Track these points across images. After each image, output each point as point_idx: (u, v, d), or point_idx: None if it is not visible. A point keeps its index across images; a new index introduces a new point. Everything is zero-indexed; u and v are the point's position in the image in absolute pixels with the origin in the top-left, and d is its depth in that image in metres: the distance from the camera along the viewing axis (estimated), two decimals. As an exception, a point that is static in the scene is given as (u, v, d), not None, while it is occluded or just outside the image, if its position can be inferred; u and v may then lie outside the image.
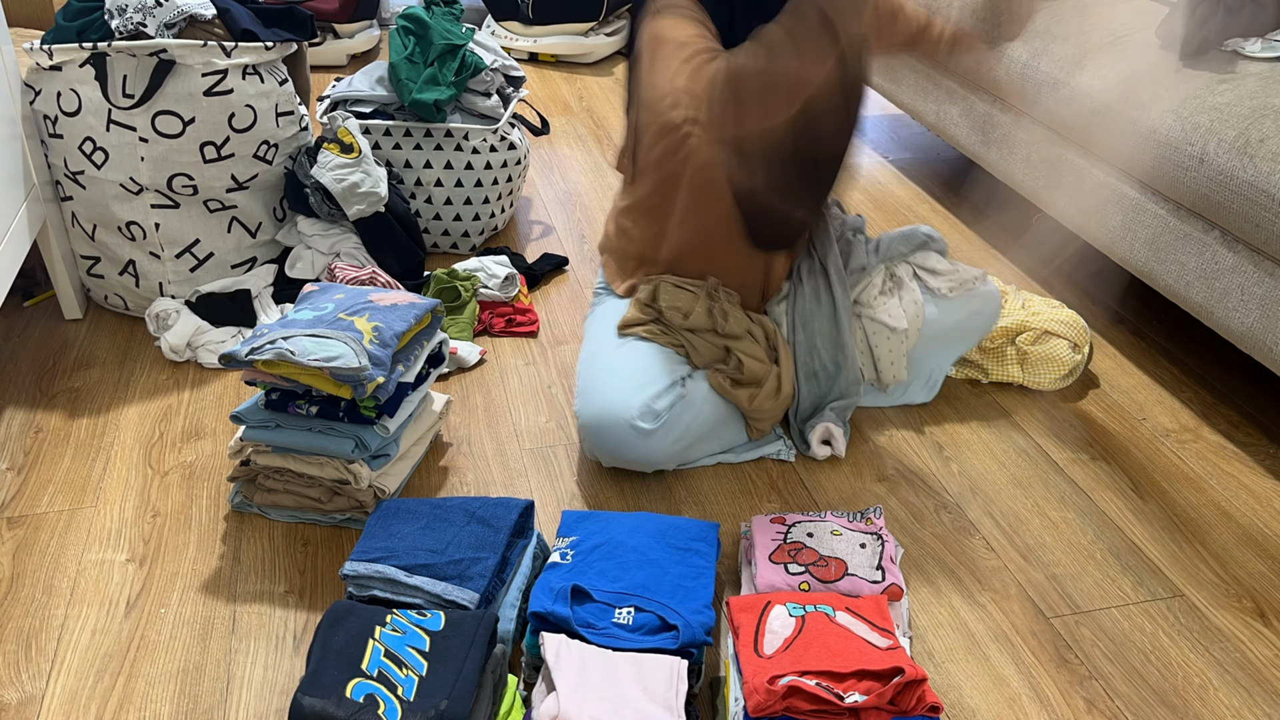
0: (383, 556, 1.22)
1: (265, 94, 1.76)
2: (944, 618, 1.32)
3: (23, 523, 1.41)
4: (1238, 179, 1.57)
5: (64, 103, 1.70)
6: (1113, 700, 1.22)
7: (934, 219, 2.43)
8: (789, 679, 1.00)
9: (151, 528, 1.41)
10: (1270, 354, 1.58)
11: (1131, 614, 1.34)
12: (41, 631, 1.25)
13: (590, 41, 3.41)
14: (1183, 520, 1.51)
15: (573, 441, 1.62)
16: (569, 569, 1.24)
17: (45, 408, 1.65)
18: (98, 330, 1.86)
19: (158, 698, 1.17)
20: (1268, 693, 1.24)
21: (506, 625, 1.21)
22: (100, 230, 1.80)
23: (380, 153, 2.04)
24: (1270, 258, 1.57)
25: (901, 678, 1.00)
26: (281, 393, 1.37)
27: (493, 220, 2.17)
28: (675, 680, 1.07)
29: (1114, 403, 1.77)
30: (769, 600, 1.13)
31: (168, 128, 1.70)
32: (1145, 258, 1.83)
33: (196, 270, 1.83)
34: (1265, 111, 1.59)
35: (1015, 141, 2.17)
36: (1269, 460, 1.65)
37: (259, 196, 1.84)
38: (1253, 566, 1.43)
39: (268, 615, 1.28)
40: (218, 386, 1.72)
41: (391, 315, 1.40)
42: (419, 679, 1.04)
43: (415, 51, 2.04)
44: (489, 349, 1.85)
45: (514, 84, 2.21)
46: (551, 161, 2.66)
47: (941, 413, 1.73)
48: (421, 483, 1.52)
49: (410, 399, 1.44)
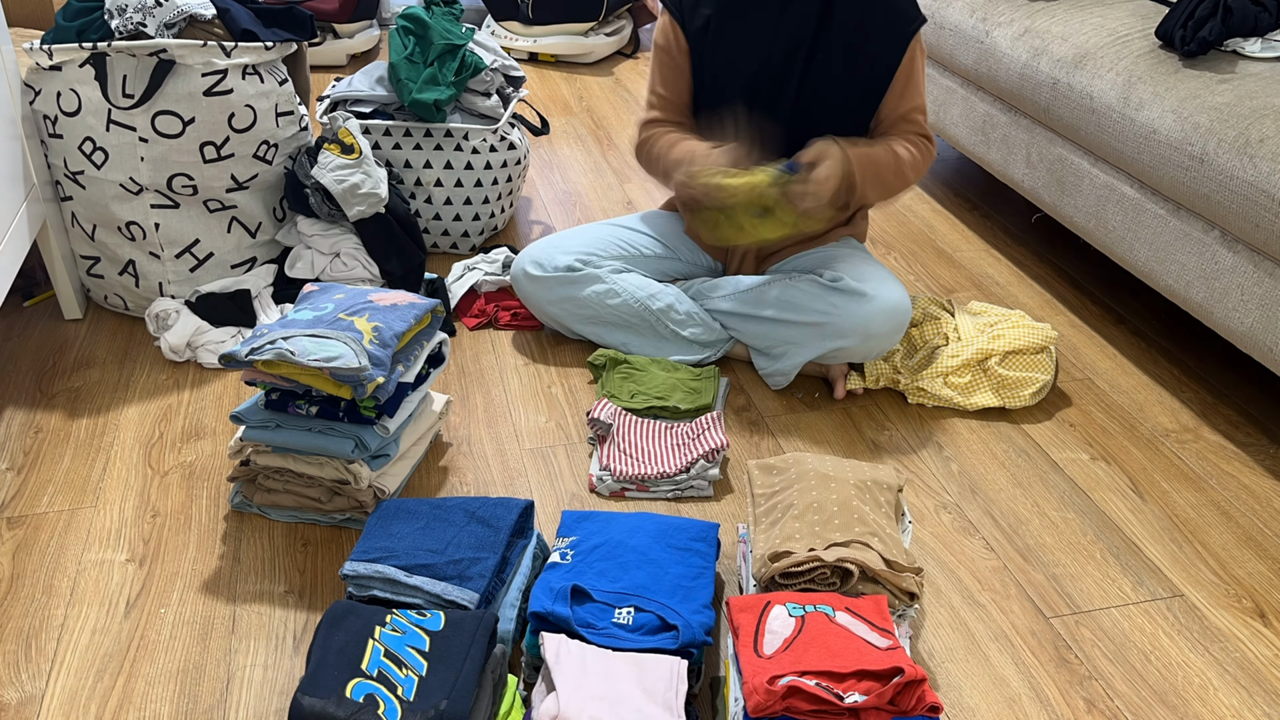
0: (383, 556, 1.22)
1: (265, 94, 1.76)
2: (944, 618, 1.32)
3: (23, 523, 1.41)
4: (1238, 179, 1.57)
5: (64, 103, 1.70)
6: (1113, 700, 1.22)
7: (934, 219, 2.43)
8: (789, 679, 1.00)
9: (151, 528, 1.41)
10: (1270, 354, 1.58)
11: (1131, 614, 1.34)
12: (41, 631, 1.25)
13: (590, 41, 3.41)
14: (1183, 520, 1.51)
15: (573, 441, 1.62)
16: (569, 569, 1.24)
17: (45, 408, 1.65)
18: (98, 330, 1.86)
19: (158, 698, 1.17)
20: (1268, 693, 1.24)
21: (506, 625, 1.21)
22: (100, 230, 1.80)
23: (380, 153, 2.04)
24: (1270, 258, 1.57)
25: (901, 678, 1.00)
26: (281, 393, 1.37)
27: (493, 220, 2.17)
28: (675, 680, 1.07)
29: (1114, 403, 1.77)
30: (769, 600, 1.13)
31: (168, 128, 1.70)
32: (1145, 258, 1.82)
33: (196, 270, 1.83)
34: (1265, 111, 1.59)
35: (1015, 141, 2.17)
36: (1269, 460, 1.65)
37: (259, 196, 1.84)
38: (1253, 566, 1.43)
39: (268, 615, 1.28)
40: (217, 386, 1.72)
41: (391, 315, 1.40)
42: (419, 679, 1.04)
43: (415, 51, 2.04)
44: (489, 349, 1.85)
45: (514, 84, 2.21)
46: (551, 161, 2.66)
47: (941, 413, 1.73)
48: (421, 483, 1.52)
49: (410, 399, 1.44)
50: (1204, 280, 1.69)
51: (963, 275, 2.18)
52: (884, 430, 1.68)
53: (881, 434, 1.67)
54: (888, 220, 2.42)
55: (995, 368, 1.71)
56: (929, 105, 2.48)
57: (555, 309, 1.80)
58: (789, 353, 1.72)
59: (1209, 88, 1.70)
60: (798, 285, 1.71)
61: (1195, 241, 1.71)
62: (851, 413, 1.72)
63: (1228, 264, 1.64)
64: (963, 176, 2.69)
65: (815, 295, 1.69)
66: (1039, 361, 1.72)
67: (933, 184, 2.64)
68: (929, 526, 1.47)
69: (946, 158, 2.81)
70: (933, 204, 2.52)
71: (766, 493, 1.32)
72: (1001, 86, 2.16)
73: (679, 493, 1.49)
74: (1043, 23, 2.09)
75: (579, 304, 1.78)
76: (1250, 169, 1.55)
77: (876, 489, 1.30)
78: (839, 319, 1.66)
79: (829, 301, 1.68)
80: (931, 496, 1.53)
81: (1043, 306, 2.07)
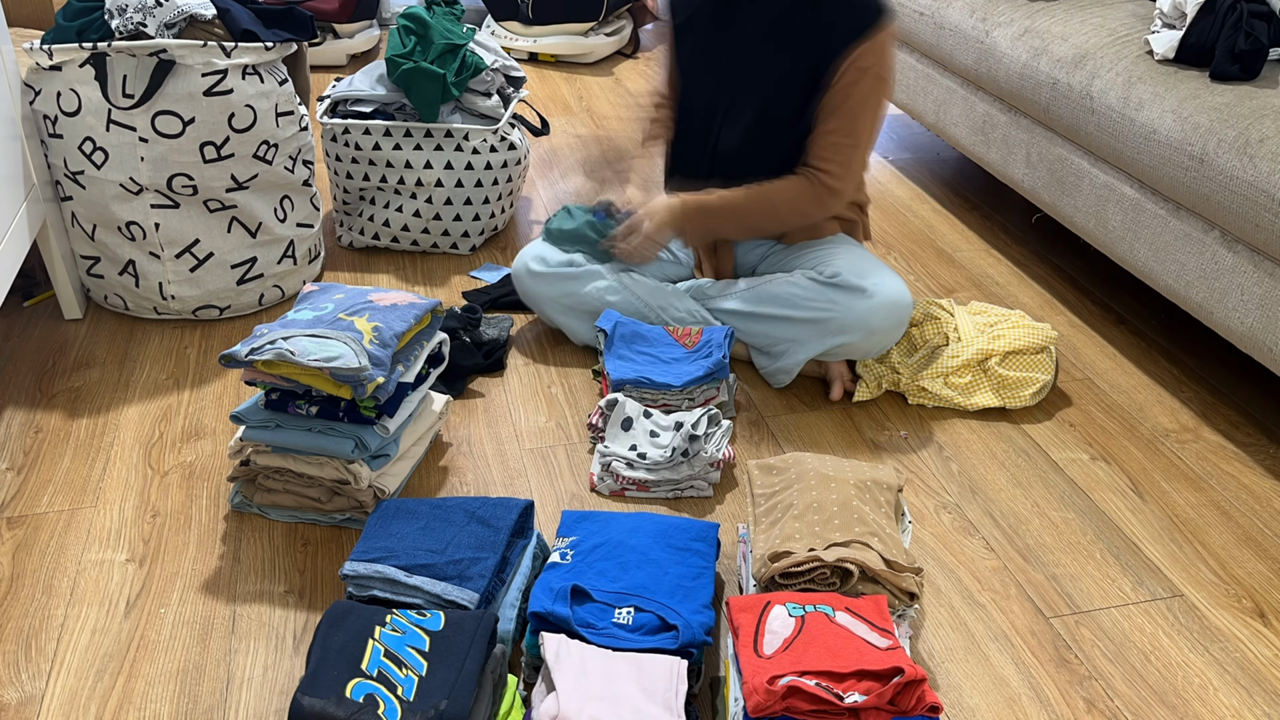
0: (382, 556, 1.22)
1: (265, 94, 1.76)
2: (944, 618, 1.32)
3: (23, 523, 1.41)
4: (1238, 179, 1.57)
5: (64, 103, 1.70)
6: (1112, 700, 1.22)
7: (934, 219, 2.43)
8: (789, 679, 1.00)
9: (151, 528, 1.41)
10: (1270, 354, 1.58)
11: (1131, 614, 1.34)
12: (41, 631, 1.25)
13: (590, 41, 3.41)
14: (1183, 520, 1.51)
15: (573, 441, 1.62)
16: (569, 569, 1.24)
17: (45, 408, 1.65)
18: (98, 330, 1.86)
19: (158, 698, 1.17)
20: (1267, 693, 1.24)
21: (506, 625, 1.21)
22: (100, 230, 1.80)
23: (380, 153, 2.04)
24: (1270, 258, 1.57)
25: (901, 678, 1.00)
26: (281, 393, 1.37)
27: (493, 220, 2.17)
28: (675, 680, 1.07)
29: (1114, 403, 1.77)
30: (769, 600, 1.13)
31: (167, 128, 1.70)
32: (1145, 258, 1.82)
33: (196, 270, 1.83)
34: (1265, 111, 1.59)
35: (1015, 141, 2.17)
36: (1269, 460, 1.65)
37: (259, 196, 1.84)
38: (1252, 566, 1.43)
39: (268, 615, 1.28)
40: (217, 386, 1.72)
41: (391, 315, 1.40)
42: (419, 679, 1.04)
43: (415, 51, 2.04)
44: (489, 349, 1.85)
45: (514, 84, 2.21)
46: (551, 161, 2.66)
47: (941, 413, 1.73)
48: (421, 483, 1.52)
49: (410, 399, 1.44)
50: (1204, 280, 1.69)
51: (963, 275, 2.18)
52: (884, 430, 1.68)
53: (881, 434, 1.67)
54: (888, 220, 2.42)
55: (995, 368, 1.71)
56: (930, 107, 2.48)
57: (556, 305, 1.80)
58: (790, 350, 1.72)
59: (1209, 88, 1.70)
60: (797, 283, 1.71)
61: (1195, 241, 1.71)
62: (851, 413, 1.72)
63: (1228, 264, 1.64)
64: (963, 176, 2.69)
65: (815, 292, 1.69)
66: (1039, 361, 1.72)
67: (933, 184, 2.64)
68: (929, 526, 1.47)
69: (946, 158, 2.81)
70: (933, 204, 2.52)
71: (766, 493, 1.32)
72: (1001, 86, 2.16)
73: (679, 492, 1.49)
74: (1043, 23, 2.09)
75: (579, 299, 1.79)
76: (1250, 169, 1.55)
77: (876, 489, 1.30)
78: (840, 315, 1.66)
79: (829, 298, 1.68)
80: (931, 496, 1.53)
81: (1043, 306, 2.07)
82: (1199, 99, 1.69)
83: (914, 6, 2.46)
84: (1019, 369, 1.71)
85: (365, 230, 2.14)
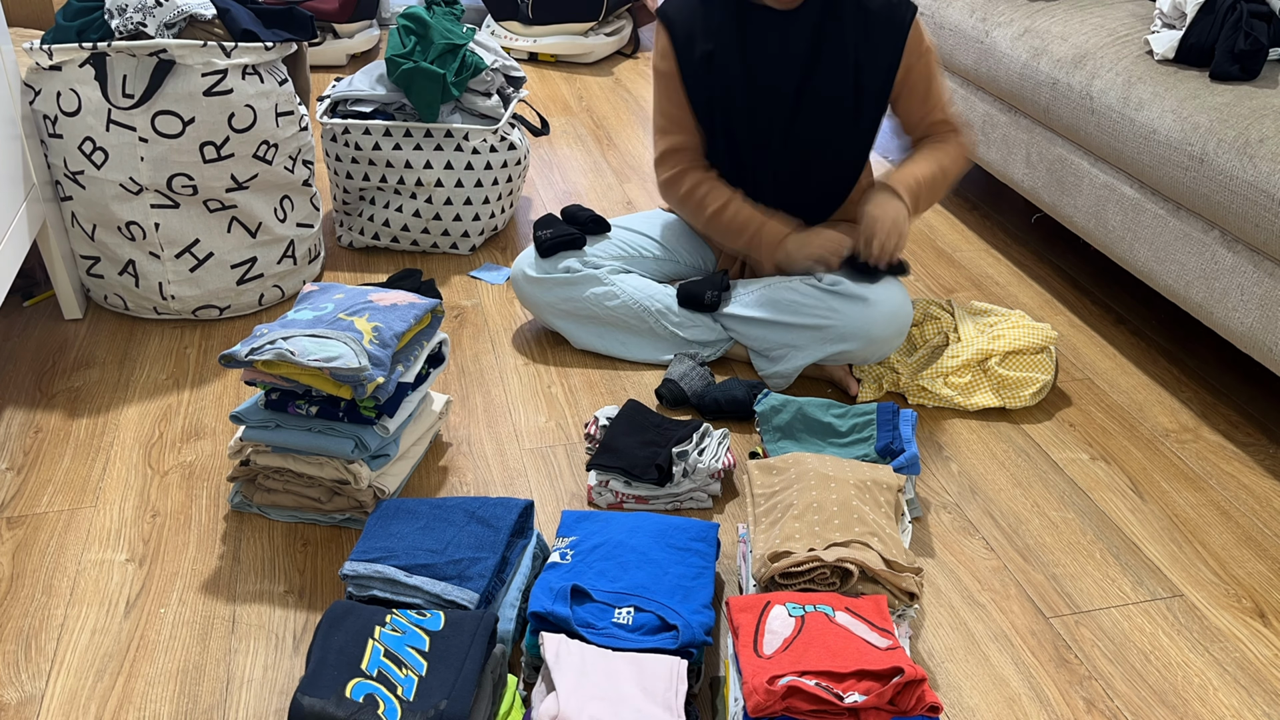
0: (382, 556, 1.22)
1: (265, 94, 1.76)
2: (944, 618, 1.32)
3: (23, 523, 1.41)
4: (1238, 179, 1.57)
5: (64, 103, 1.70)
6: (1112, 700, 1.22)
7: (934, 219, 2.43)
8: (788, 679, 1.00)
9: (151, 528, 1.41)
10: (1270, 354, 1.58)
11: (1131, 614, 1.34)
12: (41, 631, 1.25)
13: (590, 41, 3.41)
14: (1183, 520, 1.51)
15: (572, 441, 1.62)
16: (569, 569, 1.24)
17: (45, 408, 1.65)
18: (97, 330, 1.86)
19: (157, 698, 1.17)
20: (1267, 693, 1.24)
21: (506, 625, 1.21)
22: (100, 230, 1.80)
23: (380, 153, 2.04)
24: (1270, 258, 1.57)
25: (901, 678, 1.00)
26: (281, 393, 1.37)
27: (493, 220, 2.17)
28: (675, 680, 1.07)
29: (1114, 403, 1.77)
30: (769, 600, 1.13)
31: (167, 128, 1.70)
32: (1145, 258, 1.82)
33: (196, 270, 1.83)
34: (1265, 111, 1.59)
35: (1015, 141, 2.17)
36: (1269, 460, 1.65)
37: (259, 196, 1.84)
38: (1252, 566, 1.43)
39: (268, 615, 1.28)
40: (217, 386, 1.72)
41: (391, 315, 1.40)
42: (419, 679, 1.04)
43: (415, 51, 2.04)
44: (489, 349, 1.85)
45: (514, 84, 2.21)
46: (551, 161, 2.66)
47: (941, 413, 1.73)
48: (421, 483, 1.52)
49: (410, 399, 1.44)
50: (1204, 280, 1.69)
51: (963, 275, 2.18)
52: (884, 430, 1.68)
53: (881, 434, 1.67)
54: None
55: (995, 368, 1.71)
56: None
57: (554, 310, 1.80)
58: (789, 355, 1.72)
59: (1209, 88, 1.70)
60: (797, 289, 1.71)
61: (1195, 241, 1.71)
62: (851, 413, 1.72)
63: (1228, 264, 1.64)
64: (963, 176, 2.69)
65: (815, 299, 1.69)
66: (1039, 361, 1.72)
67: (933, 184, 2.63)
68: (929, 526, 1.47)
69: (946, 158, 2.81)
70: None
71: (766, 493, 1.32)
72: (1001, 86, 2.16)
73: (679, 504, 1.49)
74: (1043, 23, 2.09)
75: (578, 304, 1.78)
76: (1250, 169, 1.55)
77: (876, 489, 1.30)
78: (841, 323, 1.67)
79: (829, 306, 1.68)
80: (931, 496, 1.53)
81: (1043, 306, 2.07)
82: (1199, 99, 1.69)
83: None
84: (1019, 369, 1.71)
85: (365, 230, 2.14)
